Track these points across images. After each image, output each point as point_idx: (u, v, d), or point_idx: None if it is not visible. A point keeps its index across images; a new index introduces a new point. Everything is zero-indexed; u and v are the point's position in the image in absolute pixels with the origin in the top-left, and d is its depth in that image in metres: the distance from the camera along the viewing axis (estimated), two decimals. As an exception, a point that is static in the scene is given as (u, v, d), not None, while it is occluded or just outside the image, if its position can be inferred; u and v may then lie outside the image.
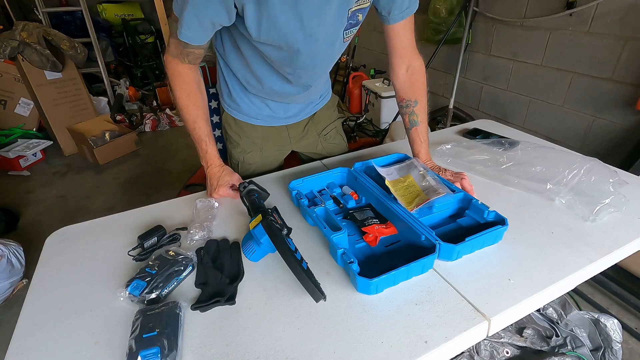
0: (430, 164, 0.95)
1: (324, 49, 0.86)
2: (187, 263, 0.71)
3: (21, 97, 3.16)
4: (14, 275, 1.70)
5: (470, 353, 0.99)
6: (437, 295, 0.64)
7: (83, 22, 3.53)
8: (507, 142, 1.05)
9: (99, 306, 0.65)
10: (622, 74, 1.80)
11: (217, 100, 1.22)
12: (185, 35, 0.77)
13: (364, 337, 0.57)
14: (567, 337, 1.05)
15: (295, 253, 0.63)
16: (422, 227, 0.72)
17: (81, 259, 0.77)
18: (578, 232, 0.78)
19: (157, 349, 0.53)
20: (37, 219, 2.32)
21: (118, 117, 3.45)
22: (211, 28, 0.78)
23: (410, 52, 0.94)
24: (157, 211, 0.91)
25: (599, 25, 1.84)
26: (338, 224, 0.74)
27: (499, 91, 2.51)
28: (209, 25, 0.77)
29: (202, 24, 0.76)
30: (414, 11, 0.87)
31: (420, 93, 0.95)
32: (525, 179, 0.93)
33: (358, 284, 0.63)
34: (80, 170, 2.91)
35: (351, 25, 0.84)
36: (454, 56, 2.71)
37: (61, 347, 0.58)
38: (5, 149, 2.90)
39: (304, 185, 0.92)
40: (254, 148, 1.14)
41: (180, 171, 2.83)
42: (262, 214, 0.70)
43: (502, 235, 0.74)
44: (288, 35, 0.78)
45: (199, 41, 0.80)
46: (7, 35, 2.81)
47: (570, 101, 2.07)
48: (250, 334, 0.59)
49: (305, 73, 0.94)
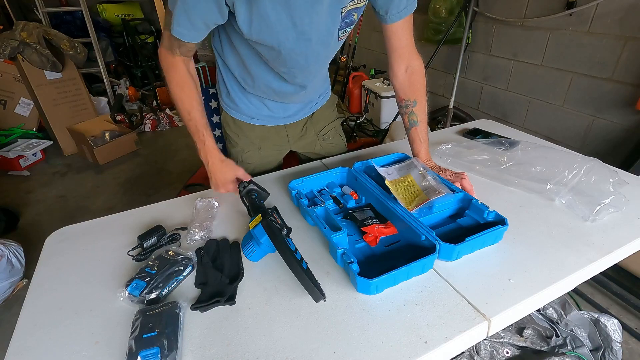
0: (430, 164, 0.95)
1: (317, 48, 0.86)
2: (187, 263, 0.71)
3: (21, 97, 3.16)
4: (14, 275, 1.70)
5: (470, 353, 0.99)
6: (437, 295, 0.64)
7: (83, 22, 3.53)
8: (507, 142, 1.05)
9: (99, 306, 0.65)
10: (622, 74, 1.80)
11: (217, 100, 1.22)
12: (178, 32, 0.77)
13: (364, 337, 0.57)
14: (567, 337, 1.05)
15: (295, 253, 0.63)
16: (422, 227, 0.72)
17: (81, 259, 0.77)
18: (578, 232, 0.78)
19: (157, 349, 0.53)
20: (37, 219, 2.32)
21: (118, 117, 3.45)
22: (204, 27, 0.78)
23: (409, 52, 0.94)
24: (157, 211, 0.91)
25: (599, 25, 1.84)
26: (338, 224, 0.74)
27: (499, 91, 2.51)
28: (201, 24, 0.77)
29: (193, 22, 0.75)
30: (411, 11, 0.87)
31: (419, 93, 0.95)
32: (525, 179, 0.93)
33: (358, 284, 0.63)
34: (80, 170, 2.91)
35: (346, 24, 0.84)
36: (454, 56, 2.71)
37: (61, 347, 0.58)
38: (5, 149, 2.90)
39: (304, 185, 0.92)
40: (252, 148, 1.14)
41: (180, 171, 2.83)
42: (262, 214, 0.70)
43: (502, 235, 0.74)
44: (279, 33, 0.78)
45: (191, 39, 0.79)
46: (7, 35, 2.81)
47: (570, 101, 2.07)
48: (250, 334, 0.59)
49: (300, 72, 0.93)
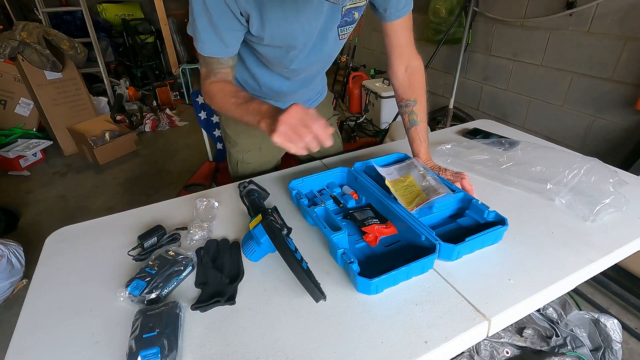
0: (430, 164, 0.95)
1: (319, 48, 0.87)
2: (187, 263, 0.71)
3: (21, 97, 3.16)
4: (14, 275, 1.70)
5: (470, 353, 0.99)
6: (437, 295, 0.64)
7: (83, 22, 3.53)
8: (507, 142, 1.05)
9: (99, 306, 0.65)
10: (622, 74, 1.80)
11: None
12: (209, 50, 0.78)
13: (364, 337, 0.57)
14: (567, 337, 1.05)
15: (295, 253, 0.63)
16: (422, 227, 0.72)
17: (81, 259, 0.77)
18: (578, 232, 0.78)
19: (157, 349, 0.53)
20: (37, 219, 2.32)
21: (118, 117, 3.45)
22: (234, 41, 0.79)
23: (408, 51, 0.94)
24: (157, 211, 0.91)
25: (599, 25, 1.84)
26: (338, 224, 0.74)
27: (499, 91, 2.51)
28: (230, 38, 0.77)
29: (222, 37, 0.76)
30: (409, 11, 0.88)
31: (419, 92, 0.96)
32: (525, 179, 0.93)
33: (358, 284, 0.63)
34: (80, 170, 2.91)
35: (346, 22, 0.84)
36: (454, 56, 2.71)
37: (61, 347, 0.58)
38: (5, 149, 2.89)
39: (304, 185, 0.92)
40: (253, 147, 1.15)
41: (180, 171, 2.83)
42: (262, 214, 0.70)
43: (502, 235, 0.74)
44: (290, 38, 0.80)
45: (225, 53, 0.80)
46: (7, 35, 2.81)
47: (570, 101, 2.07)
48: (250, 334, 0.59)
49: (303, 70, 0.95)
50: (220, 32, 0.75)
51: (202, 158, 1.96)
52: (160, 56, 4.85)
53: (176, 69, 4.35)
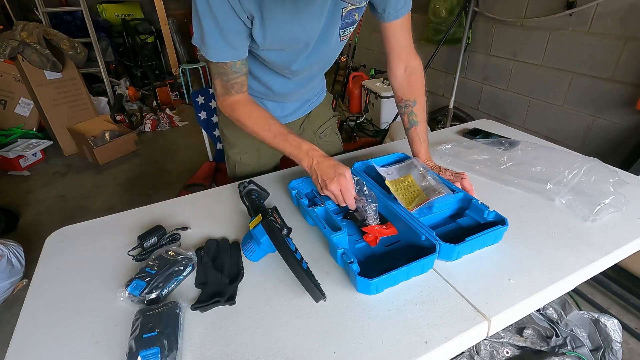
0: (430, 164, 0.95)
1: (320, 49, 0.87)
2: (187, 263, 0.71)
3: (21, 97, 3.16)
4: (14, 275, 1.70)
5: (470, 353, 0.99)
6: (437, 295, 0.64)
7: (83, 22, 3.53)
8: (507, 142, 1.05)
9: (99, 306, 0.65)
10: (622, 74, 1.80)
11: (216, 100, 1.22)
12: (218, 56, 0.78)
13: (364, 337, 0.57)
14: (567, 337, 1.05)
15: (295, 253, 0.63)
16: (422, 227, 0.72)
17: (81, 259, 0.77)
18: (578, 232, 0.78)
19: (157, 349, 0.53)
20: (37, 219, 2.32)
21: (118, 117, 3.45)
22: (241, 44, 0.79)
23: (408, 52, 0.94)
24: (157, 211, 0.91)
25: (599, 25, 1.84)
26: (338, 223, 0.74)
27: (499, 91, 2.51)
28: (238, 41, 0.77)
29: (230, 41, 0.76)
30: (408, 11, 0.88)
31: (418, 93, 0.96)
32: (525, 179, 0.93)
33: (358, 284, 0.63)
34: (80, 170, 2.91)
35: (347, 24, 0.84)
36: (454, 56, 2.71)
37: (61, 347, 0.58)
38: (5, 149, 2.89)
39: (304, 184, 0.92)
40: (251, 148, 1.14)
41: (180, 171, 2.83)
42: (262, 214, 0.70)
43: (502, 235, 0.74)
44: (292, 41, 0.80)
45: (235, 57, 0.80)
46: (7, 35, 2.81)
47: (570, 101, 2.07)
48: (250, 334, 0.59)
49: (303, 71, 0.95)
50: (227, 35, 0.75)
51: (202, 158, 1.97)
52: (160, 56, 4.86)
53: (176, 69, 4.36)
